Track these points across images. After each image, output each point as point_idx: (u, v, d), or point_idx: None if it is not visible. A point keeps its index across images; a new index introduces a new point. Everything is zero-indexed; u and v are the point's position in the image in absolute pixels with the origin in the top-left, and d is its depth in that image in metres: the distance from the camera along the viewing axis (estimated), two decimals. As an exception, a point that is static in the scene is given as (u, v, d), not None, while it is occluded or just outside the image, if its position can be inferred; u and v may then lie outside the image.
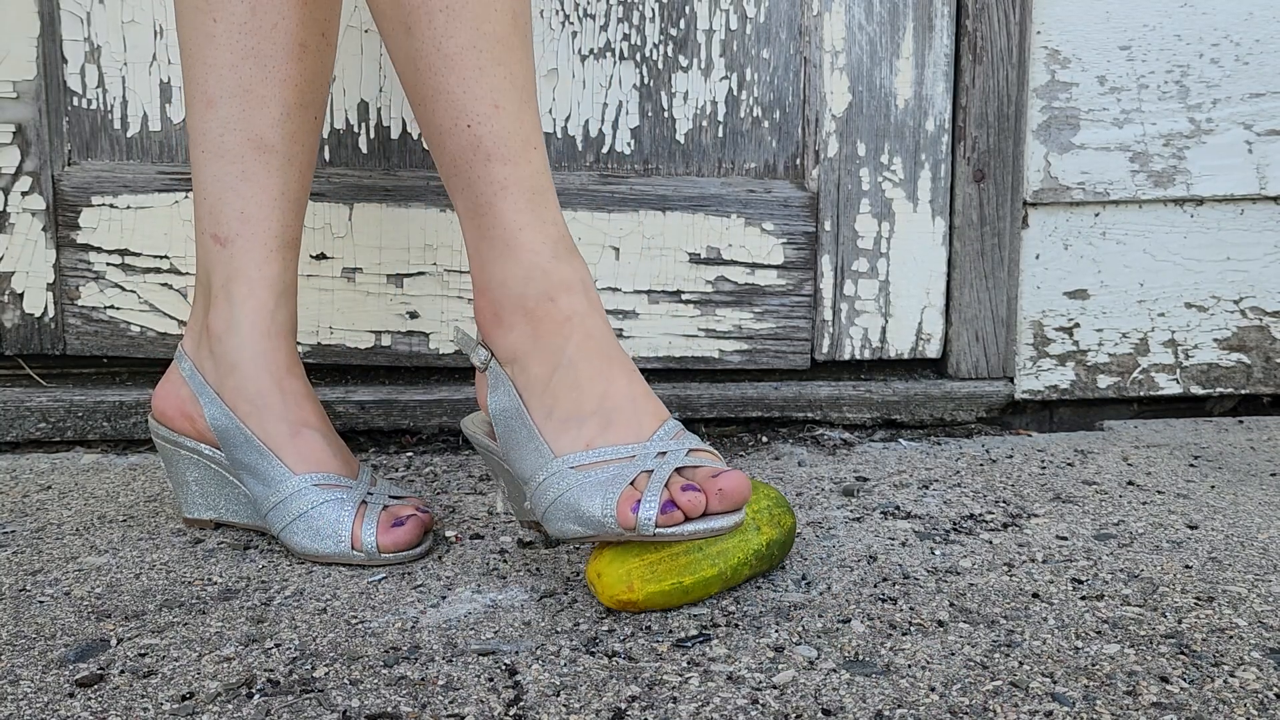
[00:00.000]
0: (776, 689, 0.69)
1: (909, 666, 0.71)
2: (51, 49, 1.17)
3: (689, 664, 0.72)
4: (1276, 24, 1.24)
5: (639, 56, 1.21)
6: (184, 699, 0.68)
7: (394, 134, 1.20)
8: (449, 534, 0.94)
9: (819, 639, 0.75)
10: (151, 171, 1.18)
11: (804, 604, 0.80)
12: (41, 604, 0.81)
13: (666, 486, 0.75)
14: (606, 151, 1.22)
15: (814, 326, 1.24)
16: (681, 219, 1.21)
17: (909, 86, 1.22)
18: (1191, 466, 1.12)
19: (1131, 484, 1.06)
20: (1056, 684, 0.69)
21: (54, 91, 1.17)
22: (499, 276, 0.82)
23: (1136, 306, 1.27)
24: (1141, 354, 1.28)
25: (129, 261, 1.18)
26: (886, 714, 0.66)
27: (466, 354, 0.85)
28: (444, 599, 0.82)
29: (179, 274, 1.19)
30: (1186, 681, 0.70)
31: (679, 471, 0.77)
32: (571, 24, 1.20)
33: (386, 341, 1.21)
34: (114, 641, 0.75)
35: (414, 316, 1.20)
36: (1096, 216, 1.26)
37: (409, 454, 1.15)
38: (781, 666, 0.72)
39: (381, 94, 1.19)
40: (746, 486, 0.75)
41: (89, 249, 1.18)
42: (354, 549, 0.87)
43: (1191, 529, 0.95)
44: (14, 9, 1.15)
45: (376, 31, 1.18)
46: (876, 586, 0.83)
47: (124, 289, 1.19)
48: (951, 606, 0.80)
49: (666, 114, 1.22)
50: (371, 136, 1.20)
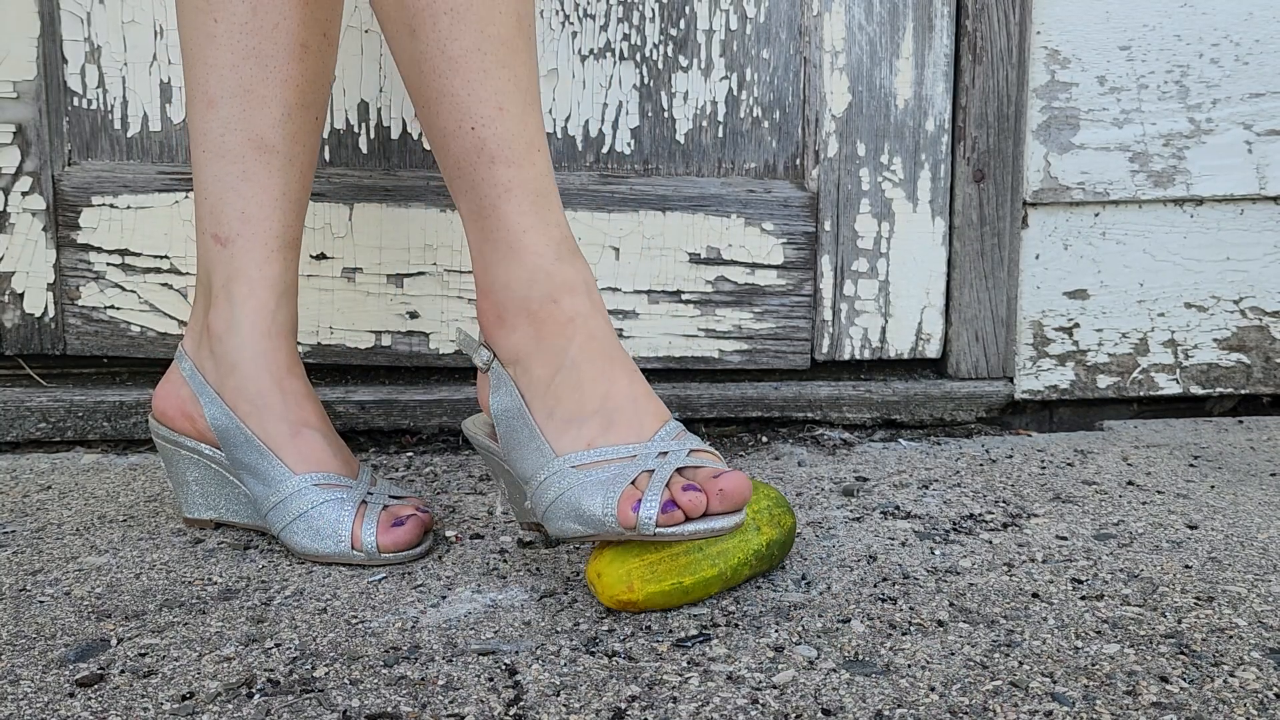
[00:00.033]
0: (776, 689, 0.69)
1: (909, 666, 0.72)
2: (52, 49, 1.17)
3: (689, 664, 0.72)
4: (1276, 24, 1.25)
5: (639, 56, 1.21)
6: (184, 699, 0.68)
7: (394, 134, 1.20)
8: (449, 534, 0.94)
9: (819, 639, 0.75)
10: (152, 171, 1.18)
11: (804, 604, 0.80)
12: (42, 604, 0.81)
13: (667, 486, 0.75)
14: (606, 151, 1.22)
15: (814, 326, 1.24)
16: (681, 219, 1.21)
17: (909, 86, 1.22)
18: (1191, 466, 1.12)
19: (1131, 484, 1.06)
20: (1056, 684, 0.69)
21: (54, 91, 1.17)
22: (502, 278, 0.82)
23: (1136, 306, 1.27)
24: (1141, 354, 1.28)
25: (129, 261, 1.18)
26: (886, 714, 0.66)
27: (468, 355, 0.85)
28: (444, 599, 0.82)
29: (179, 274, 1.19)
30: (1186, 681, 0.70)
31: (680, 472, 0.77)
32: (571, 24, 1.20)
33: (386, 341, 1.21)
34: (114, 641, 0.76)
35: (414, 316, 1.20)
36: (1096, 216, 1.26)
37: (409, 454, 1.15)
38: (781, 666, 0.72)
39: (381, 94, 1.19)
40: (747, 487, 0.75)
41: (89, 249, 1.18)
42: (354, 549, 0.87)
43: (1191, 529, 0.95)
44: (14, 9, 1.15)
45: (376, 31, 1.18)
46: (876, 586, 0.83)
47: (124, 289, 1.19)
48: (951, 606, 0.80)
49: (666, 114, 1.22)
50: (372, 136, 1.20)
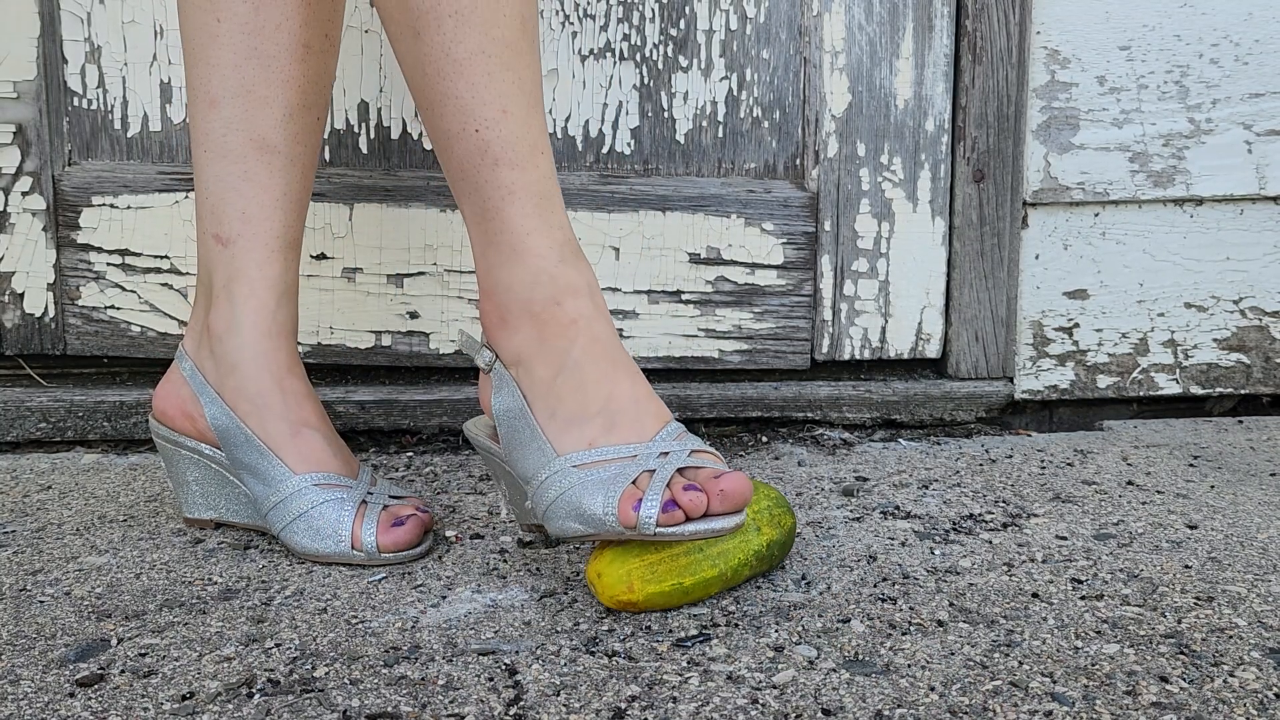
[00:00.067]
0: (776, 689, 0.69)
1: (909, 666, 0.72)
2: (52, 49, 1.17)
3: (689, 664, 0.72)
4: (1276, 24, 1.25)
5: (639, 57, 1.21)
6: (184, 699, 0.68)
7: (394, 134, 1.20)
8: (449, 534, 0.94)
9: (819, 639, 0.75)
10: (152, 171, 1.18)
11: (804, 604, 0.81)
12: (42, 604, 0.81)
13: (668, 486, 0.75)
14: (606, 151, 1.22)
15: (814, 326, 1.24)
16: (681, 219, 1.21)
17: (909, 87, 1.22)
18: (1191, 466, 1.12)
19: (1131, 484, 1.06)
20: (1056, 684, 0.69)
21: (54, 92, 1.17)
22: (505, 280, 0.82)
23: (1136, 306, 1.27)
24: (1141, 354, 1.28)
25: (129, 261, 1.18)
26: (886, 714, 0.66)
27: (470, 356, 0.85)
28: (444, 599, 0.82)
29: (179, 274, 1.19)
30: (1186, 681, 0.70)
31: (681, 472, 0.77)
32: (571, 24, 1.20)
33: (387, 341, 1.21)
34: (114, 641, 0.76)
35: (414, 316, 1.20)
36: (1096, 217, 1.26)
37: (409, 454, 1.15)
38: (781, 666, 0.72)
39: (381, 94, 1.19)
40: (748, 488, 0.75)
41: (89, 249, 1.18)
42: (354, 549, 0.87)
43: (1191, 529, 0.95)
44: (14, 9, 1.15)
45: (376, 31, 1.18)
46: (876, 586, 0.84)
47: (124, 289, 1.19)
48: (951, 606, 0.80)
49: (666, 114, 1.22)
50: (372, 137, 1.20)
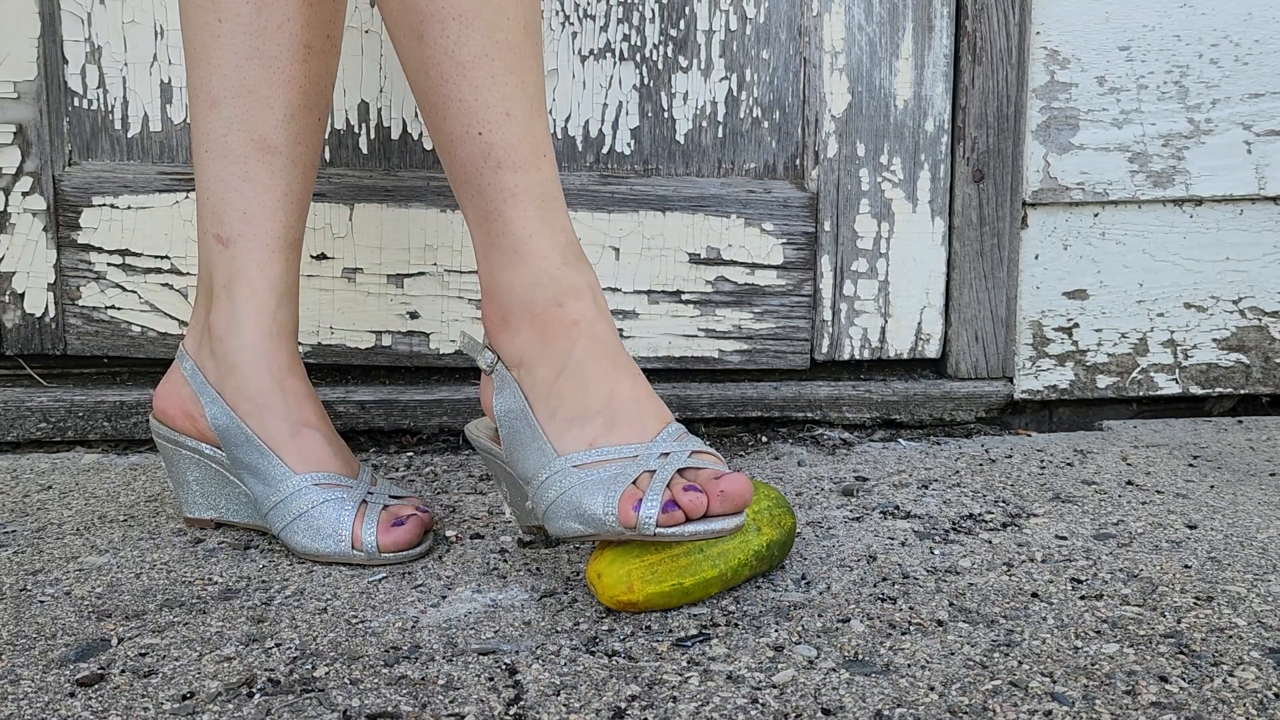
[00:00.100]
0: (776, 688, 0.69)
1: (908, 666, 0.72)
2: (52, 49, 1.17)
3: (689, 663, 0.72)
4: (1276, 24, 1.25)
5: (639, 57, 1.21)
6: (184, 698, 0.68)
7: (394, 134, 1.20)
8: (449, 534, 0.94)
9: (819, 638, 0.75)
10: (152, 172, 1.18)
11: (804, 604, 0.81)
12: (42, 604, 0.81)
13: (668, 487, 0.75)
14: (606, 152, 1.22)
15: (813, 326, 1.24)
16: (681, 219, 1.21)
17: (908, 87, 1.23)
18: (1191, 466, 1.12)
19: (1131, 484, 1.07)
20: (1056, 683, 0.69)
21: (54, 92, 1.17)
22: (507, 282, 0.82)
23: (1135, 307, 1.27)
24: (1141, 354, 1.28)
25: (129, 262, 1.19)
26: (886, 713, 0.66)
27: (472, 357, 0.85)
28: (444, 599, 0.82)
29: (179, 274, 1.19)
30: (1186, 681, 0.70)
31: (681, 473, 0.77)
32: (571, 24, 1.20)
33: (387, 341, 1.21)
34: (114, 641, 0.76)
35: (414, 316, 1.20)
36: (1096, 217, 1.26)
37: (409, 454, 1.15)
38: (781, 666, 0.72)
39: (382, 94, 1.19)
40: (748, 489, 0.75)
41: (90, 249, 1.18)
42: (354, 548, 0.87)
43: (1191, 529, 0.95)
44: (14, 9, 1.15)
45: (376, 32, 1.18)
46: (876, 586, 0.84)
47: (125, 289, 1.19)
48: (951, 606, 0.80)
49: (666, 114, 1.22)
50: (372, 137, 1.20)
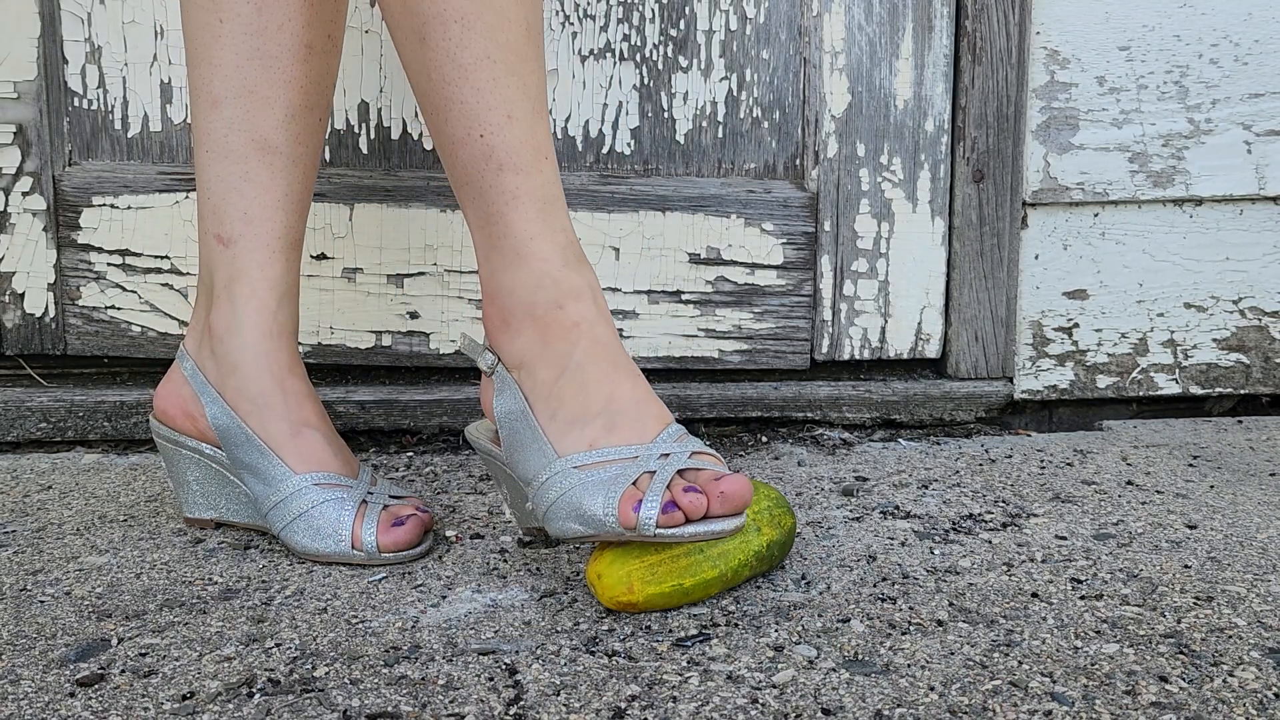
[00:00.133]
0: (776, 688, 0.69)
1: (908, 666, 0.72)
2: (52, 49, 1.17)
3: (689, 663, 0.72)
4: (1276, 24, 1.25)
5: (639, 57, 1.21)
6: (185, 698, 0.68)
7: (394, 134, 1.20)
8: (449, 534, 0.94)
9: (818, 638, 0.75)
10: (152, 172, 1.18)
11: (803, 603, 0.81)
12: (42, 604, 0.81)
13: (668, 487, 0.75)
14: (606, 152, 1.22)
15: (813, 326, 1.25)
16: (681, 219, 1.21)
17: (908, 87, 1.23)
18: (1190, 466, 1.12)
19: (1130, 484, 1.07)
20: (1056, 683, 0.69)
21: (55, 92, 1.17)
22: (508, 284, 0.82)
23: (1135, 307, 1.27)
24: (1140, 354, 1.28)
25: (130, 262, 1.19)
26: (886, 713, 0.66)
27: (472, 359, 0.85)
28: (444, 598, 0.82)
29: (179, 274, 1.19)
30: (1186, 681, 0.70)
31: (681, 474, 0.77)
32: (571, 24, 1.20)
33: (387, 341, 1.21)
34: (115, 641, 0.76)
35: (414, 316, 1.21)
36: (1096, 217, 1.26)
37: (409, 454, 1.16)
38: (781, 666, 0.72)
39: (382, 94, 1.20)
40: (748, 490, 0.75)
41: (90, 249, 1.18)
42: (354, 548, 0.87)
43: (1190, 529, 0.95)
44: (14, 9, 1.15)
45: (376, 32, 1.18)
46: (876, 586, 0.84)
47: (125, 289, 1.19)
48: (951, 606, 0.80)
49: (666, 114, 1.22)
50: (372, 137, 1.20)
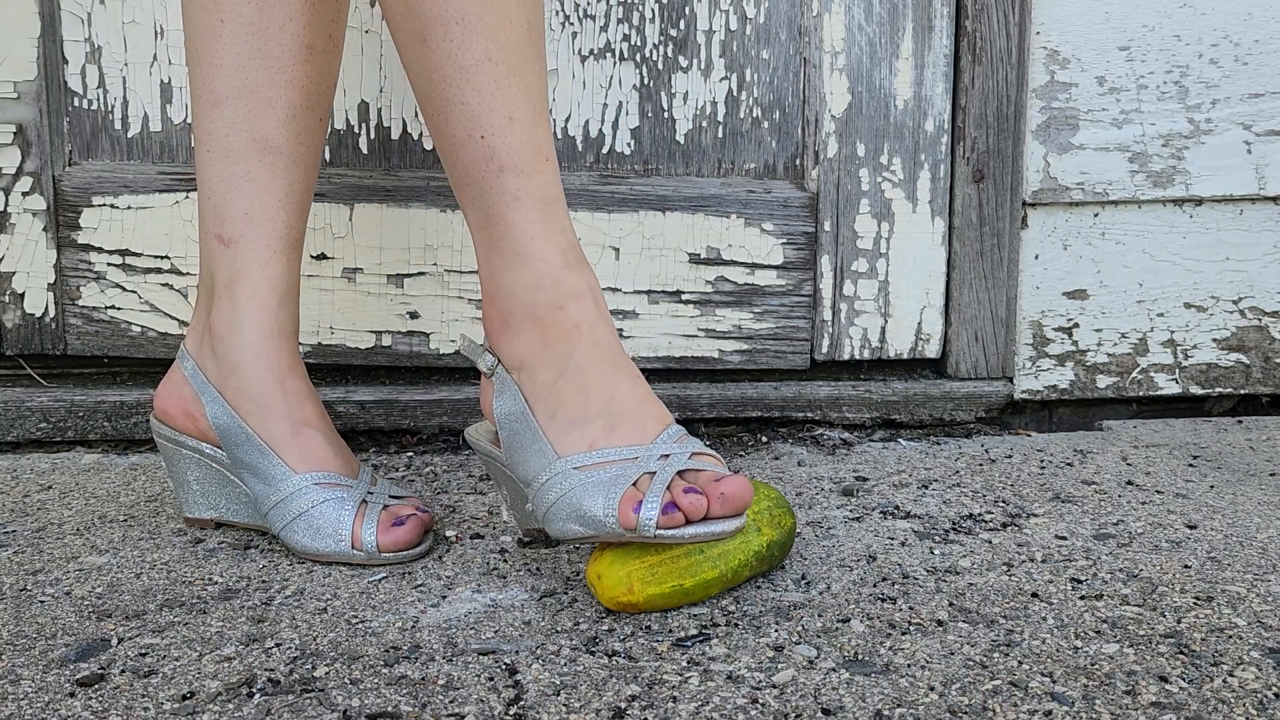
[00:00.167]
0: (776, 688, 0.69)
1: (908, 666, 0.72)
2: (52, 49, 1.17)
3: (689, 663, 0.72)
4: (1276, 24, 1.25)
5: (639, 57, 1.21)
6: (185, 698, 0.68)
7: (394, 134, 1.20)
8: (449, 534, 0.94)
9: (818, 638, 0.75)
10: (152, 172, 1.18)
11: (803, 603, 0.81)
12: (42, 604, 0.81)
13: (669, 488, 0.75)
14: (606, 152, 1.22)
15: (813, 326, 1.25)
16: (681, 219, 1.21)
17: (908, 87, 1.23)
18: (1190, 466, 1.12)
19: (1130, 484, 1.07)
20: (1056, 683, 0.69)
21: (55, 92, 1.17)
22: (508, 285, 0.82)
23: (1135, 307, 1.27)
24: (1140, 354, 1.28)
25: (130, 262, 1.19)
26: (886, 713, 0.66)
27: (472, 360, 0.86)
28: (444, 598, 0.82)
29: (179, 274, 1.19)
30: (1186, 681, 0.70)
31: (681, 475, 0.77)
32: (571, 24, 1.20)
33: (387, 341, 1.21)
34: (115, 641, 0.76)
35: (414, 316, 1.21)
36: (1096, 217, 1.26)
37: (409, 454, 1.16)
38: (781, 666, 0.72)
39: (382, 94, 1.20)
40: (749, 492, 0.75)
41: (90, 249, 1.18)
42: (354, 548, 0.87)
43: (1190, 529, 0.95)
44: (14, 9, 1.15)
45: (376, 32, 1.18)
46: (876, 586, 0.84)
47: (125, 289, 1.19)
48: (951, 606, 0.80)
49: (666, 114, 1.22)
50: (372, 137, 1.20)
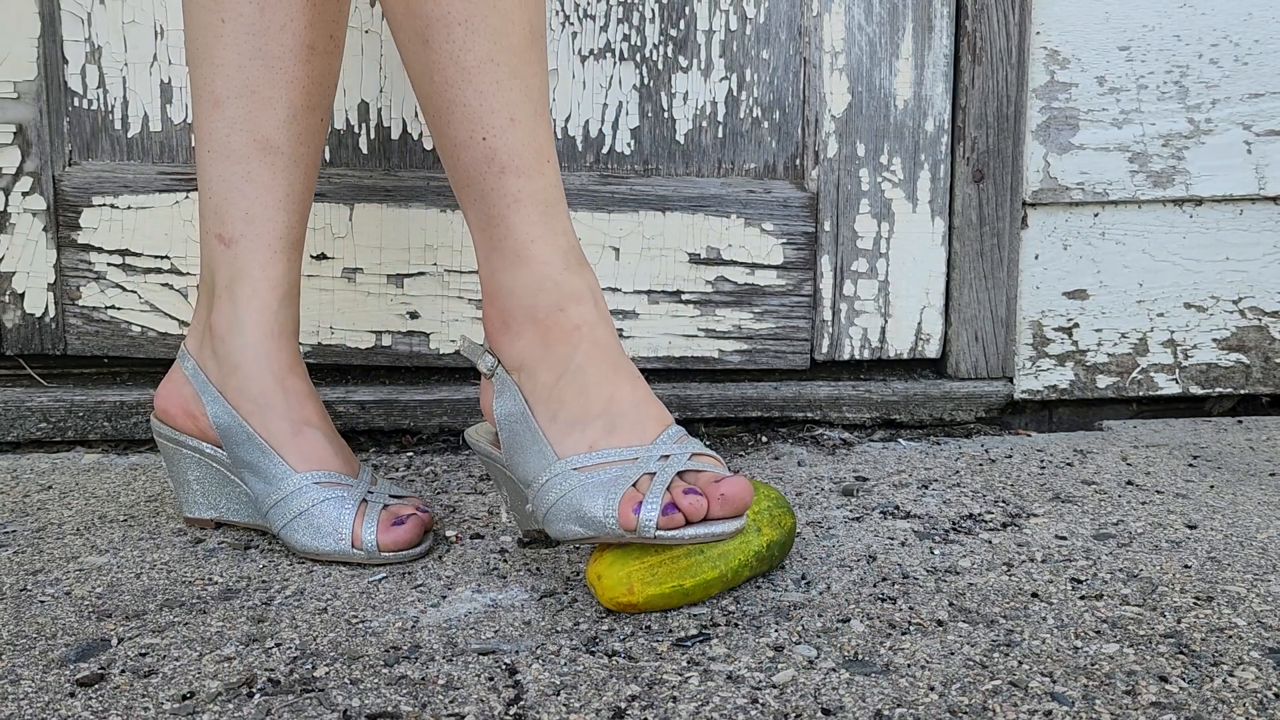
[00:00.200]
0: (776, 688, 0.69)
1: (908, 666, 0.72)
2: (52, 49, 1.17)
3: (689, 663, 0.72)
4: (1276, 24, 1.25)
5: (639, 57, 1.21)
6: (185, 698, 0.68)
7: (394, 134, 1.20)
8: (449, 534, 0.94)
9: (818, 638, 0.75)
10: (152, 172, 1.18)
11: (803, 603, 0.81)
12: (42, 604, 0.81)
13: (668, 489, 0.75)
14: (606, 152, 1.22)
15: (813, 326, 1.25)
16: (681, 219, 1.21)
17: (908, 87, 1.23)
18: (1190, 466, 1.12)
19: (1130, 484, 1.07)
20: (1056, 683, 0.69)
21: (55, 92, 1.17)
22: (509, 286, 0.82)
23: (1135, 307, 1.27)
24: (1140, 354, 1.28)
25: (130, 262, 1.19)
26: (886, 713, 0.66)
27: (472, 361, 0.86)
28: (444, 598, 0.82)
29: (179, 274, 1.19)
30: (1186, 681, 0.70)
31: (681, 475, 0.77)
32: (571, 24, 1.20)
33: (387, 341, 1.21)
34: (115, 641, 0.76)
35: (414, 316, 1.21)
36: (1096, 217, 1.26)
37: (409, 454, 1.16)
38: (781, 666, 0.72)
39: (382, 94, 1.20)
40: (748, 493, 0.75)
41: (90, 249, 1.18)
42: (354, 547, 0.87)
43: (1190, 529, 0.95)
44: (14, 9, 1.15)
45: (376, 32, 1.18)
46: (876, 586, 0.84)
47: (125, 289, 1.19)
48: (951, 606, 0.80)
49: (666, 114, 1.22)
50: (372, 137, 1.20)
